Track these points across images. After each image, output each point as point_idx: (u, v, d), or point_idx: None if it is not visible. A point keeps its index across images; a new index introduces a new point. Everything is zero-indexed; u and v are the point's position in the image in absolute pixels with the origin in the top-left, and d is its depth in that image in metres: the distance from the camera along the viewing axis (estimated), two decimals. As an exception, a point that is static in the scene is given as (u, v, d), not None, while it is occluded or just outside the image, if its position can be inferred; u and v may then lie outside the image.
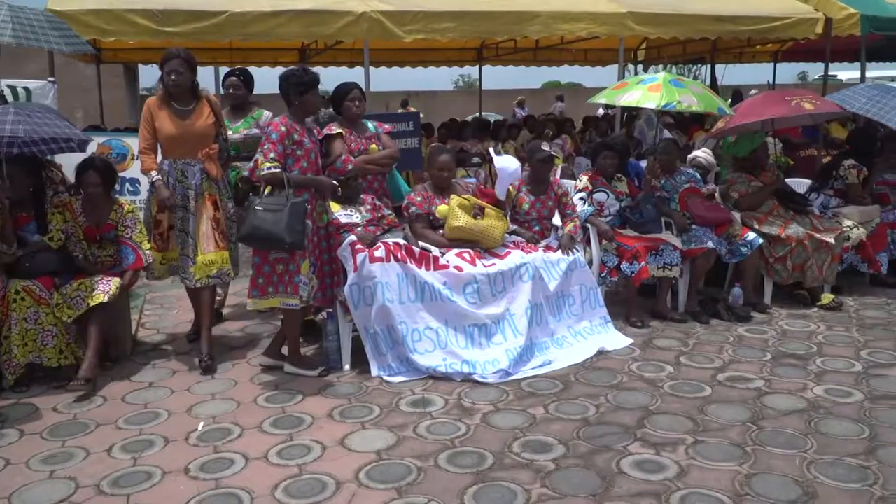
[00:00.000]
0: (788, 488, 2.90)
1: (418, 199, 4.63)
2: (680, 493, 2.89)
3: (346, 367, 4.26)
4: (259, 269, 3.98)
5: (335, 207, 4.40)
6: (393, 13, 6.98)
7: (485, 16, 7.40)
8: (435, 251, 4.32)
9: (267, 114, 5.00)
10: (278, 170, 3.87)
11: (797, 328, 4.91)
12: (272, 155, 3.88)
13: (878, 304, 5.43)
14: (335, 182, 4.18)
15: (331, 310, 4.33)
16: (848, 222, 5.51)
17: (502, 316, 4.27)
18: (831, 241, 5.27)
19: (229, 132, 4.72)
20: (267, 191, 3.95)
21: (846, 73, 19.62)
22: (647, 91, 5.54)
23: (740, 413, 3.61)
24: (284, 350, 4.26)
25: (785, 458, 3.15)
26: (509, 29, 7.63)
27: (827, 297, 5.30)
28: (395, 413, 3.68)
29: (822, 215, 5.63)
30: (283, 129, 3.92)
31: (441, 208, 4.52)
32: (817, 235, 5.27)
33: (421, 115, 7.93)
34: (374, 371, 4.12)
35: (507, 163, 4.72)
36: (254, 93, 5.18)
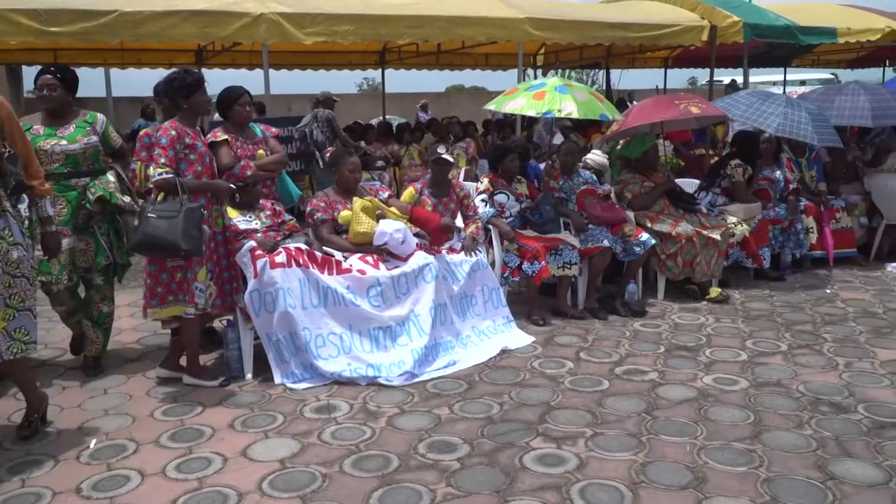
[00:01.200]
0: (680, 474, 3.04)
1: (321, 204, 4.58)
2: (579, 484, 2.98)
3: (248, 375, 4.17)
4: (156, 278, 3.85)
5: (233, 214, 4.30)
6: (292, 15, 6.88)
7: (384, 19, 7.40)
8: (338, 255, 4.28)
9: (101, 117, 4.24)
10: (171, 175, 3.75)
11: (688, 321, 5.16)
12: (163, 160, 3.75)
13: (762, 296, 5.76)
14: (232, 186, 4.09)
15: (231, 317, 4.23)
16: (733, 219, 5.84)
17: (406, 317, 4.29)
18: (718, 237, 5.56)
19: (62, 142, 4.00)
20: (160, 197, 3.82)
21: (732, 77, 20.73)
22: (532, 98, 5.68)
23: (636, 404, 3.75)
24: (183, 361, 4.12)
25: (677, 445, 3.30)
26: (409, 32, 7.65)
27: (715, 291, 5.59)
28: (300, 420, 3.63)
29: (710, 213, 5.93)
30: (173, 133, 3.80)
31: (343, 214, 4.49)
32: (705, 232, 5.55)
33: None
34: (278, 379, 4.05)
35: (385, 227, 4.44)
36: (77, 95, 4.21)
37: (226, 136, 4.35)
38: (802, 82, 21.94)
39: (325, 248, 4.34)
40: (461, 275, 4.63)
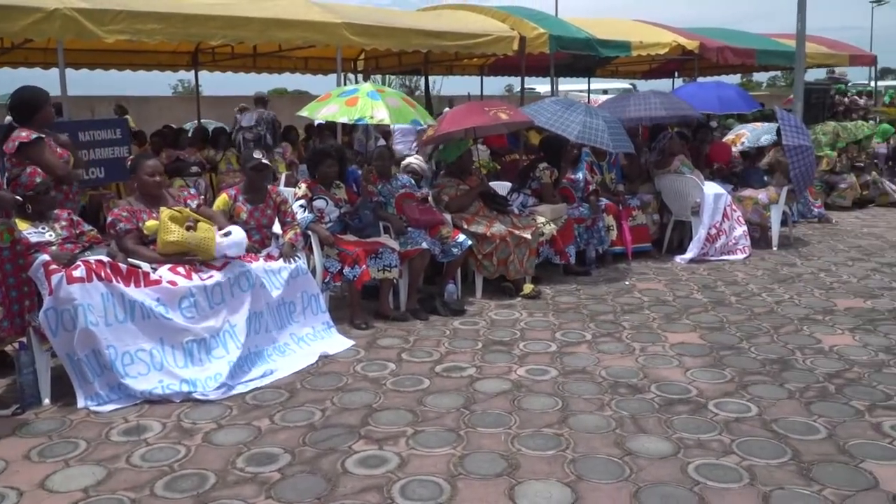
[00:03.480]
0: (496, 463, 3.19)
1: (124, 214, 4.31)
2: (401, 482, 3.03)
3: (46, 401, 3.84)
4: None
5: (23, 226, 3.95)
6: (91, 11, 6.41)
7: (194, 19, 7.10)
8: (145, 266, 4.05)
9: None
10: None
11: (504, 317, 5.40)
12: None
13: (570, 290, 6.16)
14: (18, 198, 3.75)
15: (23, 339, 3.88)
16: (542, 219, 6.19)
17: (221, 328, 4.14)
18: (529, 237, 5.88)
19: None
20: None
21: (543, 86, 21.98)
22: (345, 105, 5.69)
23: (455, 400, 3.88)
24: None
25: (493, 436, 3.45)
26: (222, 34, 7.38)
27: (528, 287, 5.90)
28: (105, 445, 3.40)
29: (521, 214, 6.26)
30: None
31: (149, 224, 4.25)
32: (517, 232, 5.85)
33: (130, 121, 7.40)
34: (81, 402, 3.77)
35: (237, 236, 4.36)
36: None
37: (40, 134, 4.00)
38: (605, 91, 23.68)
39: (130, 259, 4.09)
40: (280, 282, 4.55)
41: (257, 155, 4.93)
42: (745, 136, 9.62)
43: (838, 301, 5.68)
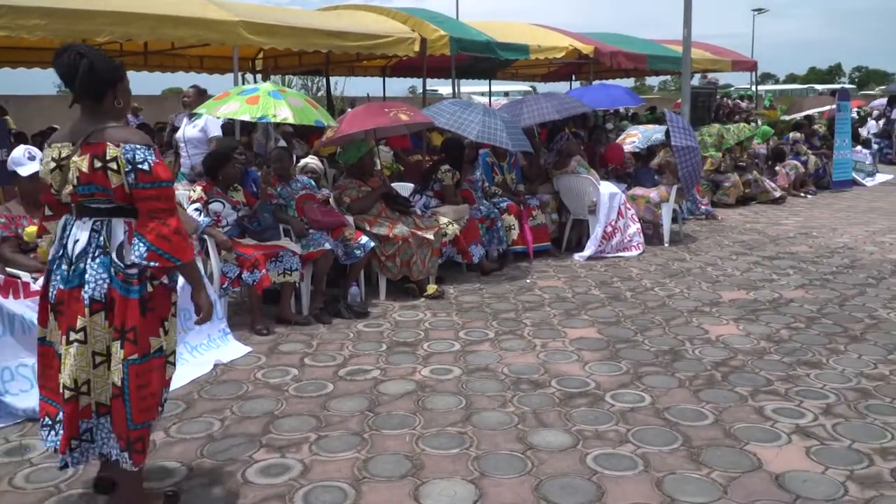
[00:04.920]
0: (400, 464, 3.19)
1: (1, 220, 4.06)
2: (304, 489, 2.99)
3: (-83, 422, 3.57)
4: None
5: None
6: (-34, 5, 6.02)
7: (80, 14, 6.77)
8: (25, 276, 3.83)
9: None
10: None
11: (408, 318, 5.41)
12: None
13: (473, 289, 6.24)
14: None
15: None
16: (444, 220, 6.24)
17: (110, 339, 3.94)
18: (431, 237, 5.91)
19: None
20: None
21: (445, 87, 22.18)
22: (246, 103, 5.57)
23: (359, 403, 3.85)
24: None
25: (397, 437, 3.45)
26: (110, 30, 7.07)
27: (432, 288, 5.93)
28: (-16, 467, 3.19)
29: (423, 215, 6.28)
30: None
31: (29, 230, 4.02)
32: (420, 233, 5.87)
33: (10, 122, 6.97)
34: (-45, 423, 3.52)
35: None
36: None
37: None
38: (506, 94, 24.15)
39: (8, 269, 3.85)
40: (174, 289, 4.37)
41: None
42: (637, 136, 10.02)
43: (724, 293, 5.99)
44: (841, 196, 12.35)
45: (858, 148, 14.80)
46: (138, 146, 2.54)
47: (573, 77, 16.70)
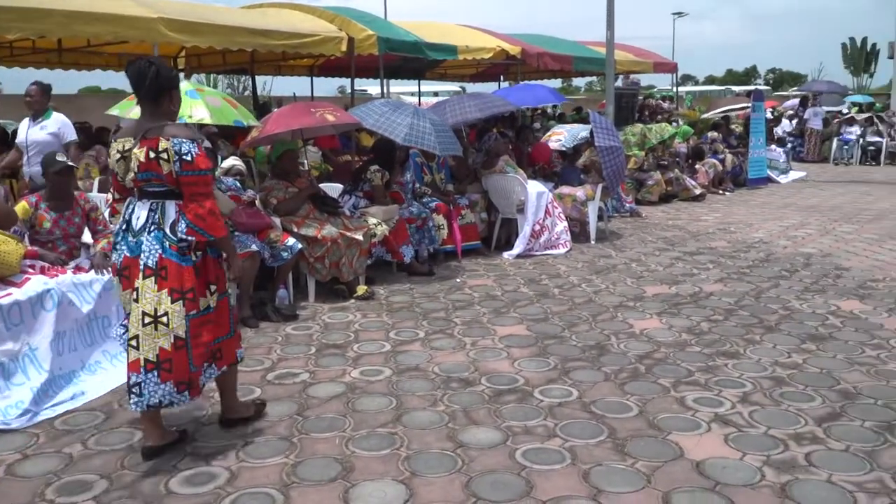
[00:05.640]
0: (330, 467, 3.16)
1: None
2: (230, 497, 2.93)
3: None
4: None
5: None
6: None
7: (-14, 10, 6.46)
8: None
9: None
10: None
11: (338, 320, 5.36)
12: None
13: (404, 289, 6.23)
14: None
15: None
16: (374, 220, 6.21)
17: (21, 352, 3.77)
18: (360, 238, 5.87)
19: None
20: None
21: (375, 87, 22.10)
22: None
23: (288, 407, 3.80)
24: None
25: (327, 440, 3.41)
26: (19, 27, 6.78)
27: (361, 289, 5.90)
28: None
29: (352, 215, 6.24)
30: None
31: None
32: (348, 234, 5.83)
33: None
34: None
35: None
36: None
37: None
38: (436, 94, 24.22)
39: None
40: (91, 296, 4.22)
41: (61, 158, 4.55)
42: (563, 135, 10.21)
43: (647, 288, 6.16)
44: (757, 193, 12.87)
45: (773, 147, 15.47)
46: (185, 140, 3.09)
47: (501, 78, 16.89)
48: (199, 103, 5.35)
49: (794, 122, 19.59)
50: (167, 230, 3.11)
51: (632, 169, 10.90)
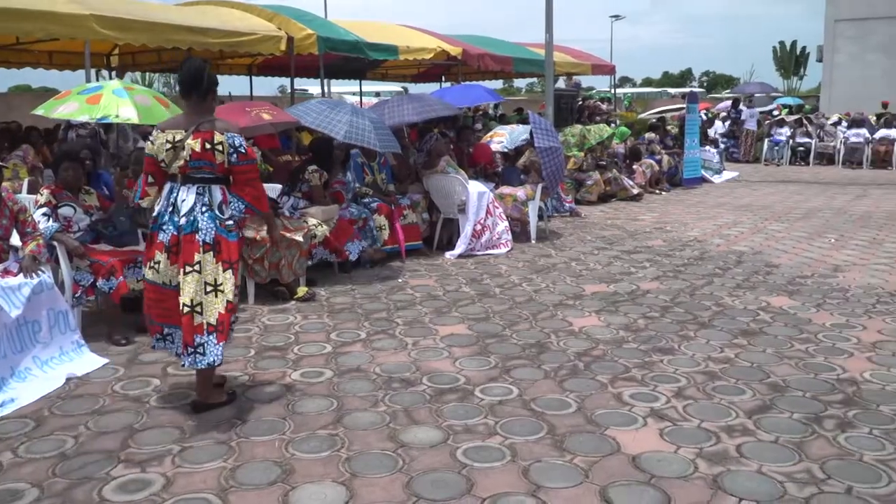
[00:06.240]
0: (269, 471, 3.12)
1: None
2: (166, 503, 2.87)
3: None
4: None
5: None
6: None
7: None
8: None
9: None
10: None
11: (278, 322, 5.30)
12: None
13: (345, 290, 6.20)
14: None
15: None
16: (313, 221, 6.16)
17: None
18: (300, 239, 5.82)
19: None
20: None
21: (316, 87, 21.89)
22: (86, 103, 5.26)
23: (226, 411, 3.73)
24: None
25: (266, 444, 3.37)
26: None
27: (302, 290, 5.85)
28: None
29: (292, 216, 6.17)
30: None
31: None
32: (288, 235, 5.76)
33: None
34: None
35: None
36: None
37: None
38: (377, 94, 24.14)
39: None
40: (19, 300, 4.07)
41: (-15, 158, 4.39)
42: (504, 136, 10.31)
43: (586, 286, 6.28)
44: (692, 192, 13.23)
45: (707, 147, 15.93)
46: (236, 135, 3.60)
47: (443, 78, 16.94)
48: (126, 102, 5.20)
49: (727, 123, 20.21)
50: (215, 210, 3.56)
51: (571, 169, 11.07)
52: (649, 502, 2.87)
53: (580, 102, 16.81)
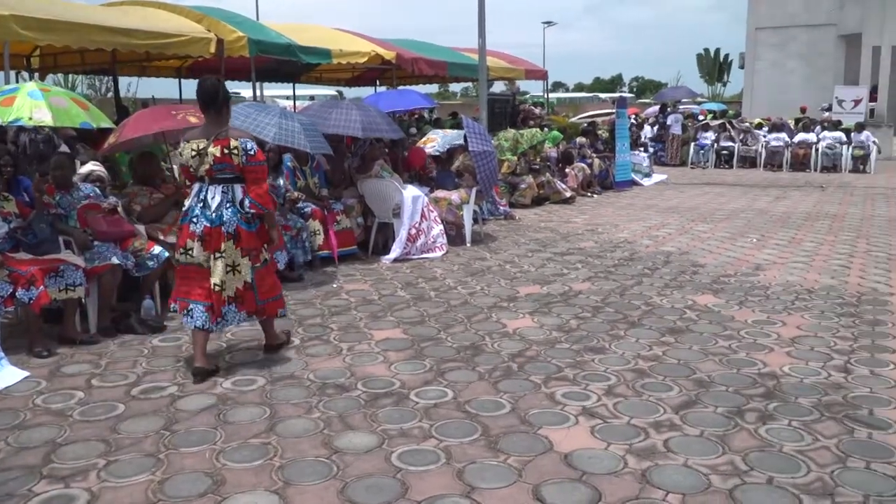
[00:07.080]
0: (199, 482, 3.06)
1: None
2: (90, 520, 2.78)
3: None
4: None
5: None
6: None
7: None
8: None
9: None
10: None
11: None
12: None
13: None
14: None
15: None
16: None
17: None
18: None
19: None
20: None
21: (248, 90, 21.52)
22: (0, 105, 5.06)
23: (154, 423, 3.64)
24: None
25: (196, 455, 3.30)
26: None
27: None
28: None
29: (224, 222, 6.05)
30: None
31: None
32: (219, 241, 5.65)
33: None
34: None
35: None
36: None
37: None
38: (312, 97, 23.89)
39: None
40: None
41: None
42: (436, 140, 10.35)
43: (520, 288, 6.36)
44: (622, 195, 13.56)
45: (636, 151, 16.34)
46: (248, 140, 4.24)
47: (377, 82, 16.89)
48: (41, 104, 5.01)
49: (656, 128, 20.77)
50: (237, 206, 4.19)
51: (505, 173, 11.20)
52: (580, 499, 2.93)
53: (517, 105, 17.01)
